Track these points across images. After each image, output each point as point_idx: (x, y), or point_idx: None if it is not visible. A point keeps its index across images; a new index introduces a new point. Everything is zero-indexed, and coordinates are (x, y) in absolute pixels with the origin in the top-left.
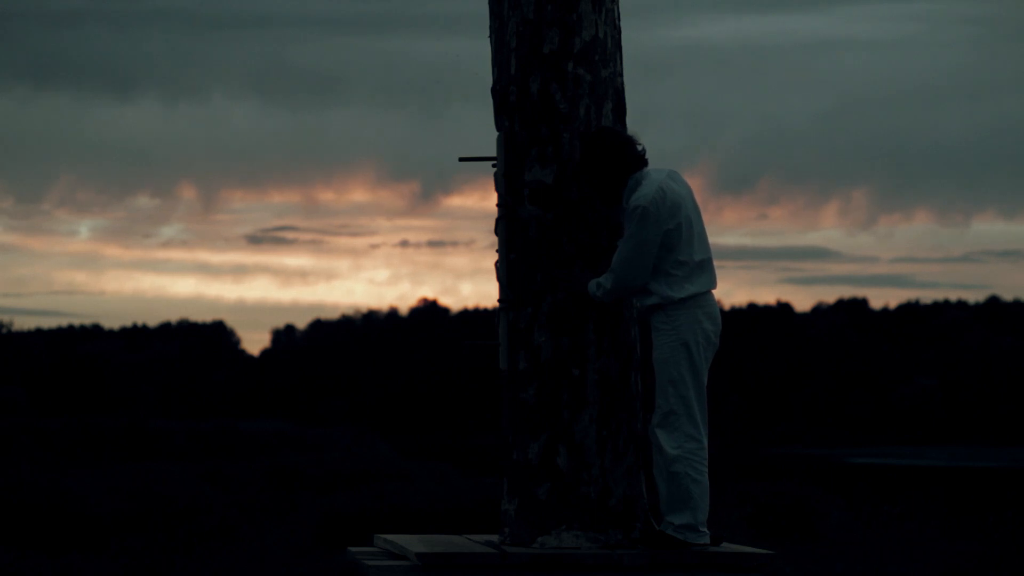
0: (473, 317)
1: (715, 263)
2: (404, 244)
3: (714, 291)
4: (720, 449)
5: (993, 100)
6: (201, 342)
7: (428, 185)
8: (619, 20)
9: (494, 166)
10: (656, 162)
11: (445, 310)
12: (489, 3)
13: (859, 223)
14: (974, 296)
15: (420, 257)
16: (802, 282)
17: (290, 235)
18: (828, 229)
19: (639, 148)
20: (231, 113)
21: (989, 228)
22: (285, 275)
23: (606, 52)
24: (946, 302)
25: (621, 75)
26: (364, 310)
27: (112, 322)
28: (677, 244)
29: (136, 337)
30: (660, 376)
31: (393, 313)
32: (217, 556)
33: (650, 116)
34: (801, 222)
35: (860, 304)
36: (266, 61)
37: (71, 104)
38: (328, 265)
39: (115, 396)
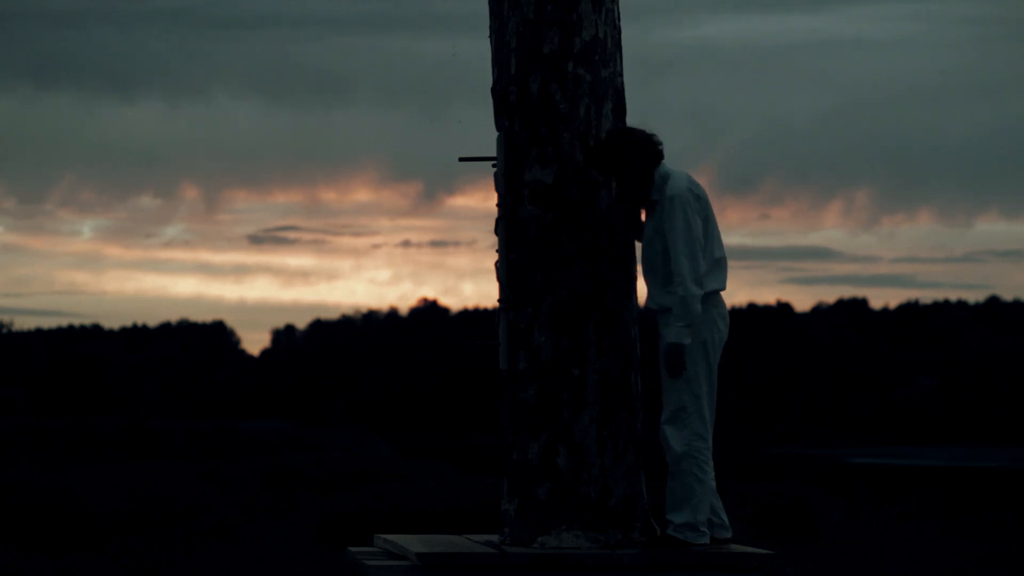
0: (473, 317)
1: None
2: (406, 244)
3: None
4: (720, 449)
5: (996, 100)
6: (201, 342)
7: (431, 185)
8: (619, 20)
9: (494, 166)
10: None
11: (445, 310)
12: (489, 3)
13: (861, 223)
14: (977, 296)
15: (422, 257)
16: (804, 282)
17: (292, 235)
18: (830, 229)
19: (659, 143)
20: (234, 113)
21: (991, 228)
22: (287, 275)
23: (606, 52)
24: (946, 302)
25: (621, 75)
26: (365, 310)
27: (113, 322)
28: (704, 238)
29: (136, 337)
30: None
31: (393, 313)
32: (217, 556)
33: (653, 116)
34: (803, 222)
35: (860, 304)
36: (269, 61)
37: (73, 104)
38: (330, 265)
39: (115, 396)
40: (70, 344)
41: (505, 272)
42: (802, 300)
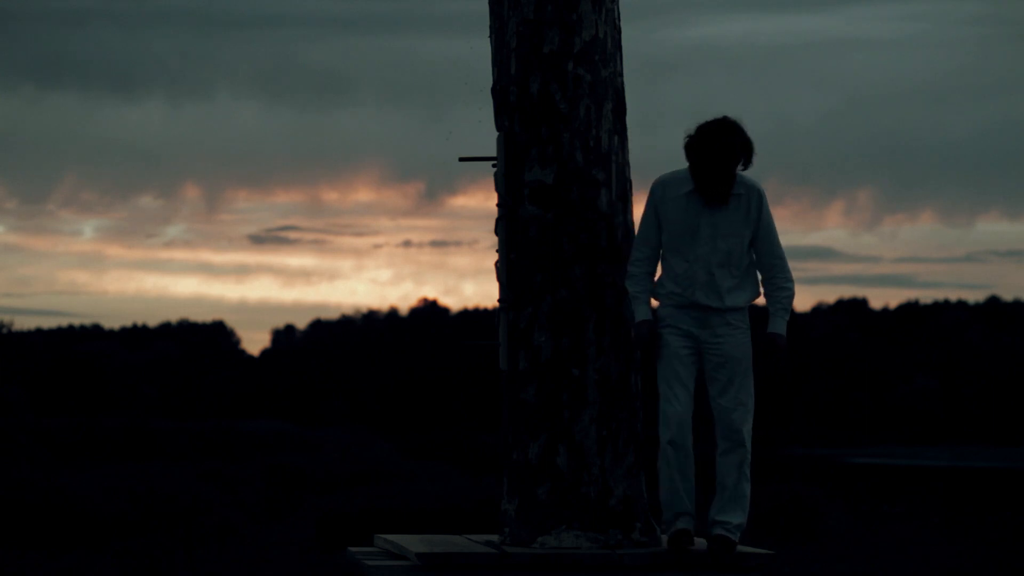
0: (473, 317)
1: None
2: (407, 244)
3: None
4: None
5: (997, 100)
6: (201, 342)
7: (432, 185)
8: (619, 20)
9: (494, 166)
10: (665, 163)
11: (445, 310)
12: (489, 3)
13: (863, 223)
14: (977, 296)
15: (423, 257)
16: (805, 282)
17: (293, 235)
18: (832, 229)
19: None
20: (235, 113)
21: (993, 228)
22: (287, 275)
23: (606, 52)
24: (946, 302)
25: (621, 75)
26: (365, 310)
27: (113, 322)
28: None
29: (136, 337)
30: (740, 372)
31: (393, 313)
32: (217, 556)
33: (657, 116)
34: (805, 222)
35: (860, 304)
36: (271, 61)
37: (75, 104)
38: (331, 265)
39: (115, 396)
40: (70, 344)
41: (505, 272)
42: (802, 300)
